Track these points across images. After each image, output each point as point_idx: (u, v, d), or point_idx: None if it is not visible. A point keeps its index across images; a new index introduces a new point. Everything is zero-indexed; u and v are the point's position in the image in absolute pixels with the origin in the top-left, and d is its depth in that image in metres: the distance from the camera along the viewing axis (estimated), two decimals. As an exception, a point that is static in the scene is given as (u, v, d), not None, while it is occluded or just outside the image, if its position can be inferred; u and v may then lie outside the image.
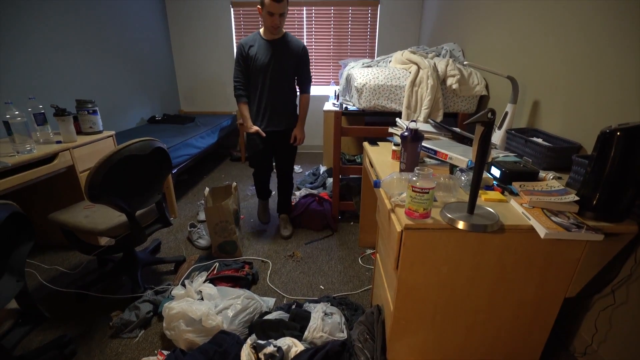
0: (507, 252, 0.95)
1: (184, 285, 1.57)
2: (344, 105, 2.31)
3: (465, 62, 1.74)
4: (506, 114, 1.59)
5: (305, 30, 4.04)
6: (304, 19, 3.99)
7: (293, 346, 1.26)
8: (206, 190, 2.14)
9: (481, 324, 1.08)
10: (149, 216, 1.74)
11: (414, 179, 0.89)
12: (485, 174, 1.20)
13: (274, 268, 1.98)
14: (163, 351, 1.37)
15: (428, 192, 0.88)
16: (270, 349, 1.22)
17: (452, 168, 1.26)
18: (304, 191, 2.76)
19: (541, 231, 0.88)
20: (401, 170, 1.23)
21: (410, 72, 2.05)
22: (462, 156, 1.23)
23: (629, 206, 0.91)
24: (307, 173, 3.40)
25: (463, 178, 1.13)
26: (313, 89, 4.27)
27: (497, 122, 1.63)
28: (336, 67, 4.19)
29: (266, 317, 1.44)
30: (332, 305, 1.52)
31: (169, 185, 2.50)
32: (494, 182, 1.16)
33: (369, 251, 2.13)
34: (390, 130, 1.64)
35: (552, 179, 1.13)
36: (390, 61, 2.41)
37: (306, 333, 1.33)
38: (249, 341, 1.30)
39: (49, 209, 1.85)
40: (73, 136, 1.94)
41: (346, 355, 1.25)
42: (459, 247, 0.94)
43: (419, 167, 0.90)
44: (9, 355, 1.07)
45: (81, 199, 1.97)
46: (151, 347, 1.44)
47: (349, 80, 2.30)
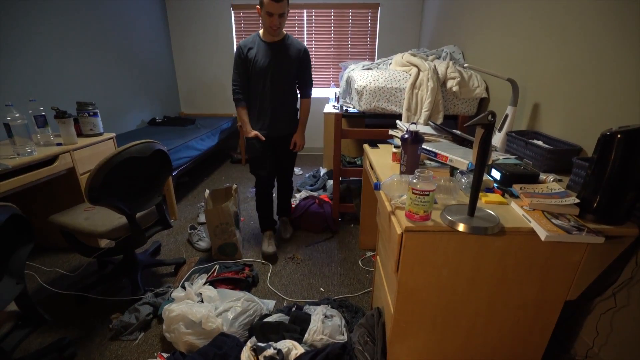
0: (507, 254, 0.95)
1: (184, 287, 1.57)
2: (344, 108, 2.31)
3: (466, 65, 1.75)
4: (506, 116, 1.59)
5: (305, 32, 4.05)
6: (304, 21, 4.01)
7: (293, 349, 1.26)
8: (206, 193, 2.15)
9: (481, 326, 1.08)
10: (149, 218, 1.74)
11: (415, 181, 0.89)
12: (486, 177, 1.20)
13: (274, 270, 1.98)
14: (163, 354, 1.37)
15: (428, 195, 0.88)
16: (270, 351, 1.22)
17: (453, 170, 1.26)
18: (304, 193, 2.76)
19: (542, 234, 0.88)
20: (401, 173, 1.24)
21: (410, 75, 2.06)
22: (462, 158, 1.23)
23: (629, 209, 0.91)
24: (307, 175, 3.40)
25: (463, 180, 1.13)
26: (313, 91, 4.27)
27: (498, 125, 1.63)
28: (336, 69, 4.20)
29: (266, 320, 1.44)
30: (332, 307, 1.52)
31: (169, 188, 2.50)
32: (495, 184, 1.16)
33: (369, 253, 2.13)
34: (391, 132, 1.64)
35: (553, 181, 1.13)
36: (390, 63, 2.41)
37: (306, 336, 1.32)
38: (249, 344, 1.29)
39: (49, 211, 1.85)
40: (73, 138, 1.94)
41: (346, 358, 1.25)
42: (459, 249, 0.94)
43: (419, 170, 0.90)
44: (9, 358, 1.07)
45: (81, 201, 1.97)
46: (151, 349, 1.44)
47: (349, 82, 2.30)
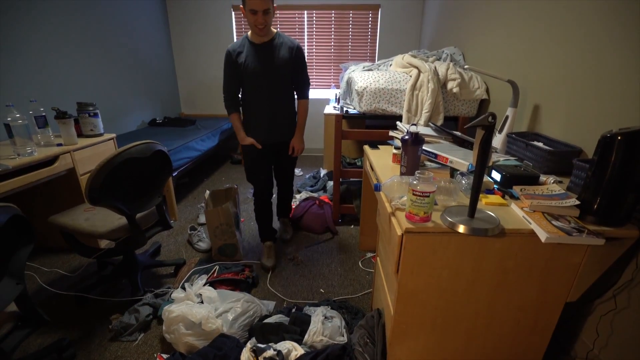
0: (507, 256, 0.95)
1: (183, 288, 1.56)
2: (344, 109, 2.31)
3: (466, 66, 1.75)
4: (507, 117, 1.59)
5: (306, 33, 4.06)
6: (305, 22, 4.01)
7: (293, 350, 1.26)
8: (206, 193, 2.15)
9: (482, 328, 1.08)
10: (149, 219, 1.74)
11: (415, 182, 0.89)
12: (486, 178, 1.20)
13: (274, 271, 1.98)
14: (162, 355, 1.37)
15: (429, 196, 0.88)
16: (270, 352, 1.22)
17: (453, 172, 1.26)
18: (304, 194, 2.76)
19: (542, 235, 0.88)
20: (402, 174, 1.24)
21: (410, 76, 2.06)
22: (462, 160, 1.23)
23: (630, 210, 0.91)
24: (307, 176, 3.40)
25: (464, 182, 1.13)
26: (314, 92, 4.28)
27: (498, 126, 1.63)
28: (337, 70, 4.20)
29: (266, 321, 1.44)
30: (332, 308, 1.52)
31: (169, 188, 2.50)
32: (495, 185, 1.16)
33: (369, 254, 2.13)
34: (391, 133, 1.64)
35: (553, 183, 1.13)
36: (390, 65, 2.42)
37: (306, 337, 1.32)
38: (248, 345, 1.29)
39: (49, 212, 1.85)
40: (74, 139, 1.94)
41: (346, 359, 1.25)
42: (459, 251, 0.94)
43: (419, 171, 0.90)
44: (8, 359, 1.07)
45: (81, 202, 1.97)
46: (151, 350, 1.43)
47: (349, 83, 2.31)
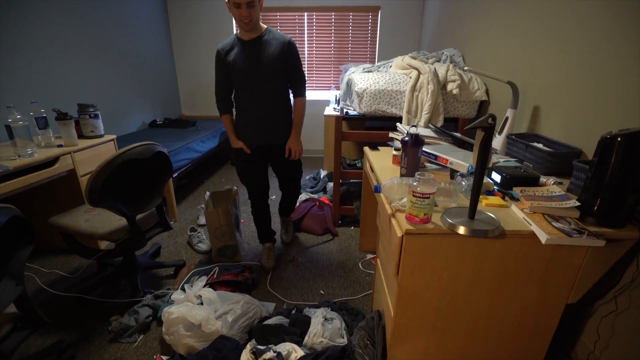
0: (508, 257, 0.95)
1: (183, 289, 1.56)
2: (344, 110, 2.31)
3: (466, 68, 1.75)
4: (506, 119, 1.60)
5: (306, 35, 4.07)
6: (305, 24, 4.02)
7: (293, 352, 1.25)
8: (206, 195, 2.15)
9: (482, 330, 1.07)
10: (149, 220, 1.74)
11: (415, 183, 0.89)
12: (486, 179, 1.19)
13: (274, 272, 1.97)
14: (162, 356, 1.37)
15: (429, 197, 0.88)
16: (269, 354, 1.22)
17: (453, 173, 1.26)
18: (304, 195, 2.76)
19: (542, 237, 0.88)
20: (402, 175, 1.23)
21: (410, 77, 2.06)
22: (462, 161, 1.23)
23: (630, 212, 0.91)
24: (307, 177, 3.40)
25: (464, 183, 1.13)
26: (314, 94, 4.29)
27: (498, 127, 1.63)
28: (337, 72, 4.21)
29: (266, 322, 1.44)
30: (332, 310, 1.51)
31: (169, 189, 2.50)
32: (495, 187, 1.16)
33: (369, 256, 2.13)
34: (391, 135, 1.64)
35: (553, 184, 1.13)
36: (390, 66, 2.42)
37: (306, 338, 1.32)
38: (248, 346, 1.29)
39: (49, 213, 1.85)
40: (74, 140, 1.94)
41: (346, 361, 1.24)
42: (459, 252, 0.94)
43: (419, 172, 0.90)
44: (7, 360, 1.07)
45: (81, 203, 1.97)
46: (150, 352, 1.43)
47: (349, 85, 2.31)
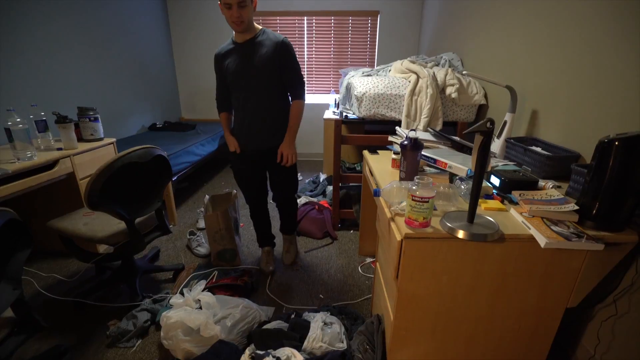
0: (507, 261, 0.94)
1: (182, 293, 1.55)
2: (344, 114, 2.32)
3: (464, 72, 1.76)
4: (505, 123, 1.60)
5: (306, 39, 4.09)
6: (305, 28, 4.05)
7: (292, 356, 1.25)
8: (206, 198, 2.14)
9: (482, 334, 1.07)
10: (148, 224, 1.74)
11: (414, 187, 0.89)
12: (485, 183, 1.20)
13: (274, 276, 1.97)
14: (160, 361, 1.36)
15: (428, 201, 0.88)
16: (269, 359, 1.21)
17: (452, 177, 1.26)
18: (303, 199, 2.76)
19: (541, 240, 0.88)
20: (401, 179, 1.24)
21: (409, 81, 2.07)
22: (461, 165, 1.23)
23: (629, 215, 0.91)
24: (307, 181, 3.40)
25: (463, 187, 1.13)
26: (314, 97, 4.30)
27: (496, 131, 1.64)
28: (336, 75, 4.23)
29: (265, 327, 1.43)
30: (331, 314, 1.51)
31: (168, 193, 2.50)
32: (494, 191, 1.16)
33: (368, 260, 2.12)
34: (390, 138, 1.64)
35: (552, 187, 1.14)
36: (390, 70, 2.43)
37: (305, 343, 1.31)
38: (247, 351, 1.28)
39: (48, 216, 1.85)
40: (74, 143, 1.94)
41: (346, 366, 1.24)
42: (459, 256, 0.94)
43: (418, 176, 0.90)
44: (4, 365, 1.06)
45: (80, 206, 1.97)
46: (148, 357, 1.42)
47: (349, 88, 2.32)
